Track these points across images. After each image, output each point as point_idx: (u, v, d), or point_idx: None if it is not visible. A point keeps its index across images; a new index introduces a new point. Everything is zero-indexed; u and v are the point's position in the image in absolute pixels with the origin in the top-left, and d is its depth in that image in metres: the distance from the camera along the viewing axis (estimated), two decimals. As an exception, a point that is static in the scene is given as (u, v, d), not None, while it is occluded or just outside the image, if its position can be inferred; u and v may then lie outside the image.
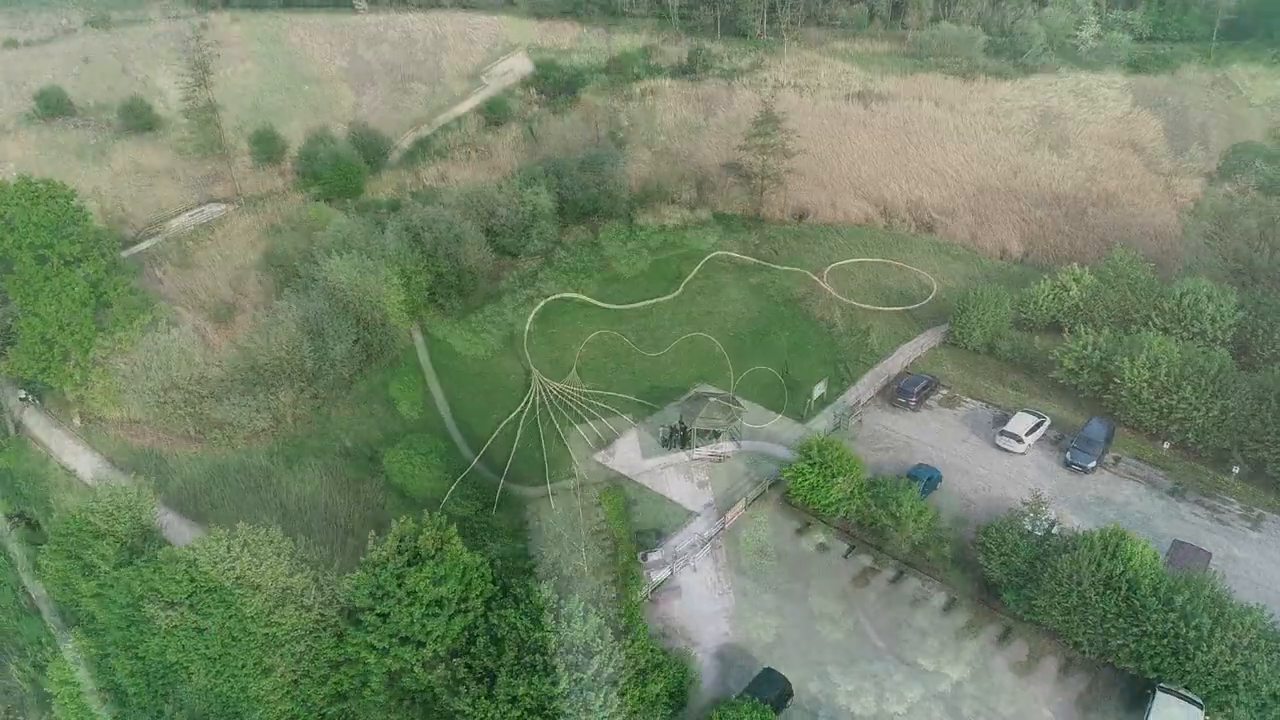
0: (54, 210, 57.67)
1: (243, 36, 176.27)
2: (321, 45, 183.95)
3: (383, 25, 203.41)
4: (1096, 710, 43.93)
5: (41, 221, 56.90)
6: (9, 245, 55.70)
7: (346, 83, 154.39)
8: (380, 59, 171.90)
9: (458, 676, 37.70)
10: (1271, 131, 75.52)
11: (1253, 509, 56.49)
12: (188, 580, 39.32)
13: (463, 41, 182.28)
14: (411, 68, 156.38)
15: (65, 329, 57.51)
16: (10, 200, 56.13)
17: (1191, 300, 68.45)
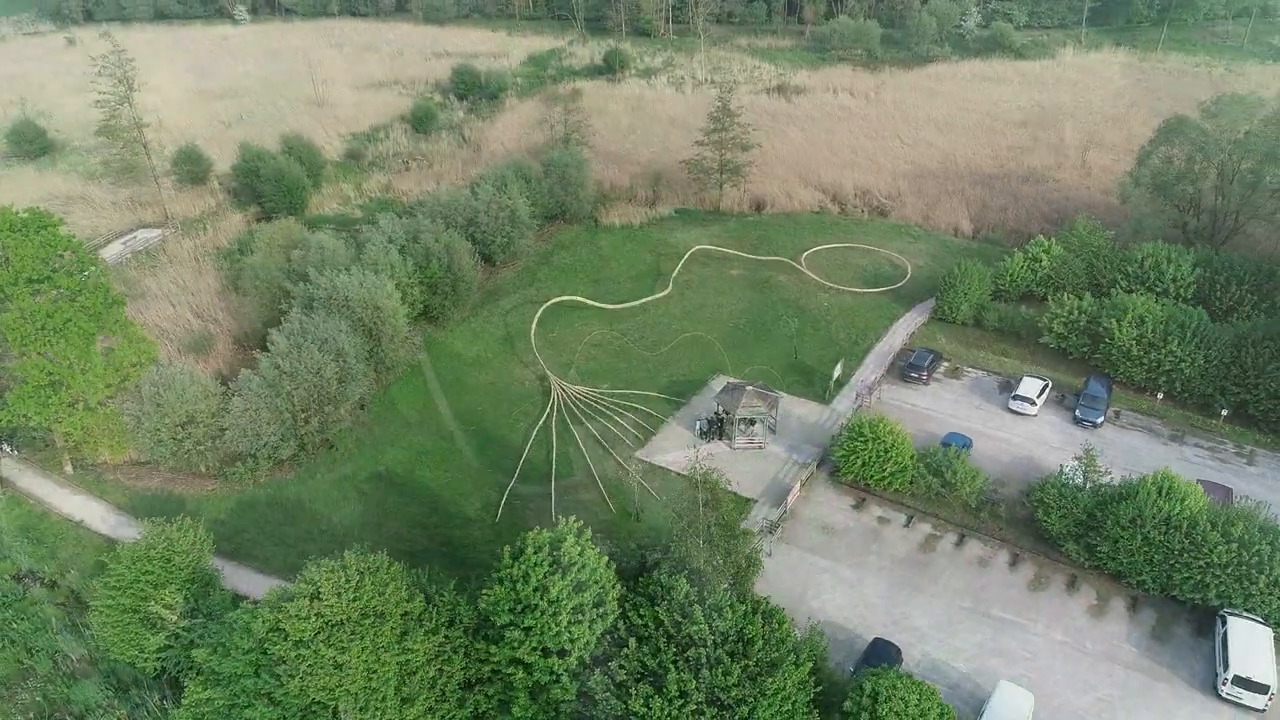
0: (47, 240, 53.14)
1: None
2: (208, 58, 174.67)
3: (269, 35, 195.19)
4: (1170, 641, 47.57)
5: (36, 254, 52.35)
6: (3, 282, 50.89)
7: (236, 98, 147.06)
8: (277, 71, 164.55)
9: (618, 680, 37.42)
10: (1201, 106, 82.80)
11: (1244, 446, 62.21)
12: (315, 615, 37.34)
13: (368, 51, 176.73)
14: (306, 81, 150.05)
15: (75, 369, 53.04)
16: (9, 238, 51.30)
17: (1153, 262, 74.59)
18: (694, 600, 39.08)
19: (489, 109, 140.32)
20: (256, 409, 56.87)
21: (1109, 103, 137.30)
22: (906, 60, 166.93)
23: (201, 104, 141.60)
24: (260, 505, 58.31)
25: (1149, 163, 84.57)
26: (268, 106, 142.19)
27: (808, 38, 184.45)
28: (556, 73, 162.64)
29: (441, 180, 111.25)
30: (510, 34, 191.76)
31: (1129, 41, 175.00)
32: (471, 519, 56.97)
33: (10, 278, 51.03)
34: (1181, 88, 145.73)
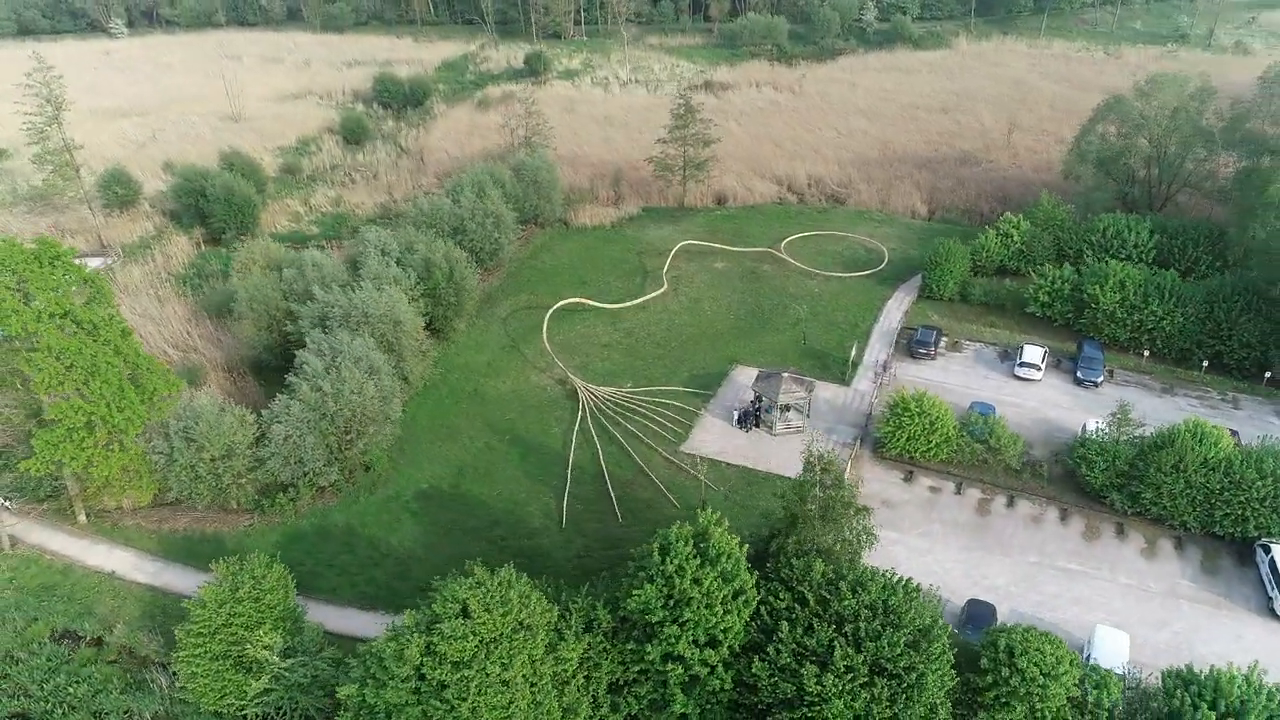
0: (66, 272, 49.15)
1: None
2: (94, 75, 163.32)
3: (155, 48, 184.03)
4: (1219, 573, 51.81)
5: (58, 286, 48.35)
6: (28, 320, 46.62)
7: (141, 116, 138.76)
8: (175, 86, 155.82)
9: (780, 663, 37.94)
10: (1135, 86, 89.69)
11: (1226, 393, 68.02)
12: (470, 634, 36.14)
13: (271, 62, 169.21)
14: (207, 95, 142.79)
15: (113, 407, 49.07)
16: (19, 267, 47.02)
17: (1114, 231, 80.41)
18: (834, 578, 40.04)
19: (418, 117, 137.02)
20: (300, 434, 54.25)
21: (1012, 88, 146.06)
22: (815, 54, 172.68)
23: (103, 123, 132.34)
24: (308, 536, 55.65)
25: (1090, 140, 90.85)
26: (178, 124, 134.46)
27: (716, 35, 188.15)
28: (476, 78, 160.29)
29: (393, 191, 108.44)
30: (416, 40, 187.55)
31: (1013, 30, 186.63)
32: (536, 528, 56.12)
33: (34, 314, 46.93)
34: (1070, 71, 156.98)
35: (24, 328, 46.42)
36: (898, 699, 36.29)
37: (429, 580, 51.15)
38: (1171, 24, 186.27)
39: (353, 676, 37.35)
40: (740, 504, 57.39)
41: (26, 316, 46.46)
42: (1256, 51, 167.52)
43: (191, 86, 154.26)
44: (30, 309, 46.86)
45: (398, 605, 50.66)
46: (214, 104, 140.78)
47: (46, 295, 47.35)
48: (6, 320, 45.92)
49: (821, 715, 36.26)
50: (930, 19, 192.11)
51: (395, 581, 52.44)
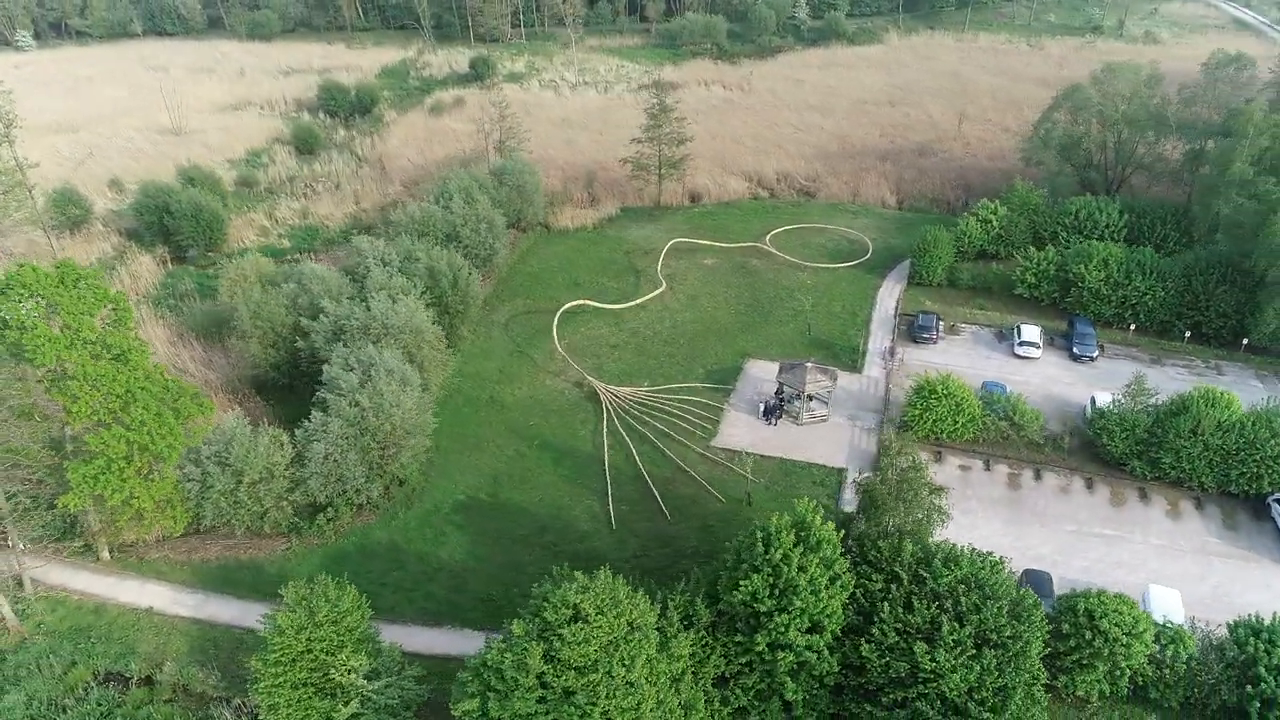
0: (95, 294, 46.61)
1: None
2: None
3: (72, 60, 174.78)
4: (1239, 529, 55.06)
5: (87, 310, 45.81)
6: (61, 348, 44.00)
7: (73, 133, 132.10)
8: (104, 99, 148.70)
9: (888, 643, 38.82)
10: (1092, 75, 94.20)
11: (1209, 360, 72.20)
12: (590, 638, 35.80)
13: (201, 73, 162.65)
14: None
15: (155, 435, 46.68)
16: (47, 292, 44.35)
17: (1086, 213, 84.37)
18: (925, 556, 41.19)
19: (369, 125, 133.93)
20: (341, 451, 52.74)
21: (950, 80, 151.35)
22: (753, 52, 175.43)
23: (33, 141, 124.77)
24: (352, 556, 54.11)
25: (1050, 127, 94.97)
26: (113, 139, 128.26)
27: (653, 35, 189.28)
28: (421, 84, 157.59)
29: (360, 201, 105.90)
30: (349, 47, 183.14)
31: (939, 25, 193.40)
32: (586, 531, 55.84)
33: (67, 340, 44.43)
34: (1000, 62, 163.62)
35: (57, 356, 43.85)
36: (1005, 668, 37.57)
37: (488, 592, 51.25)
38: (1083, 16, 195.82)
39: (469, 691, 36.61)
40: (782, 494, 58.23)
41: (60, 344, 43.95)
42: (1165, 40, 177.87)
43: (119, 100, 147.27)
44: (62, 335, 44.33)
45: (462, 619, 50.12)
46: (148, 117, 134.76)
47: (78, 320, 44.82)
48: (40, 350, 43.34)
49: (938, 690, 37.26)
50: (860, 15, 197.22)
51: (453, 595, 51.50)
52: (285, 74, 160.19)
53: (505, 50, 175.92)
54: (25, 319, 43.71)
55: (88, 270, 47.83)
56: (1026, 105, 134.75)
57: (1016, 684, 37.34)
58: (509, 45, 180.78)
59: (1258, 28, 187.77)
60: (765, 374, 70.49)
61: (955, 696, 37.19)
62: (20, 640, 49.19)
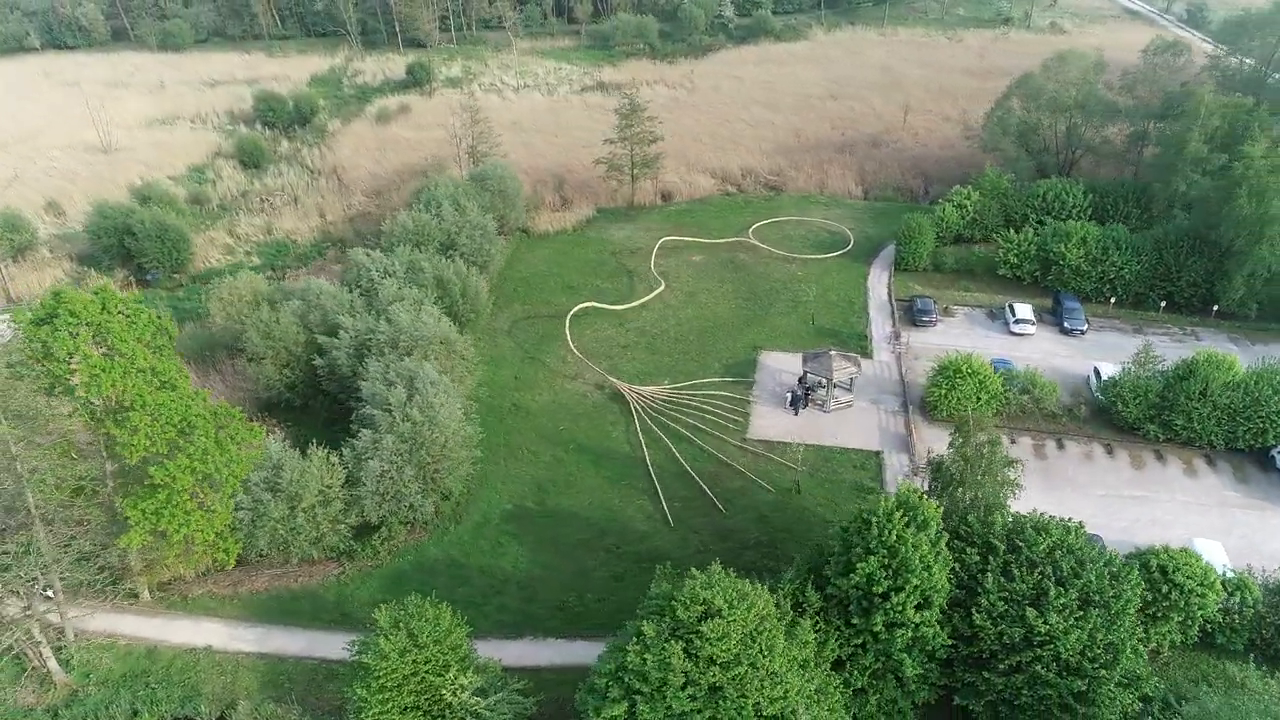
0: (144, 321, 44.00)
1: None
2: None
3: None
4: (1250, 481, 59.08)
5: (138, 336, 43.23)
6: (116, 377, 41.29)
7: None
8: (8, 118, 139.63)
9: (998, 612, 40.21)
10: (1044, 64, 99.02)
11: (1185, 328, 77.01)
12: (730, 633, 35.91)
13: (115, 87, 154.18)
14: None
15: (218, 463, 44.28)
16: (96, 319, 41.55)
17: (1053, 194, 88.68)
18: (1015, 526, 42.87)
19: (312, 136, 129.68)
20: (398, 468, 51.30)
21: (881, 74, 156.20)
22: (686, 50, 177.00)
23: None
24: (411, 575, 52.65)
25: (1004, 114, 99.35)
26: (39, 159, 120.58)
27: (583, 36, 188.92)
28: (357, 91, 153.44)
29: (325, 214, 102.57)
30: (271, 56, 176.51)
31: (859, 20, 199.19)
32: (645, 531, 55.81)
33: (122, 368, 41.89)
34: (924, 55, 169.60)
35: (113, 386, 41.33)
36: (1111, 627, 39.48)
37: (561, 599, 50.91)
38: (993, 9, 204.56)
39: (612, 697, 36.27)
40: (826, 480, 59.56)
41: (115, 374, 41.42)
42: (1069, 30, 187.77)
43: (32, 118, 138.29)
44: (116, 364, 41.79)
45: (541, 628, 49.53)
46: (71, 135, 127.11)
47: (131, 347, 42.35)
48: (96, 381, 40.78)
49: (1053, 652, 38.88)
50: (785, 13, 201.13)
51: (526, 605, 50.78)
52: (210, 86, 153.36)
53: (436, 55, 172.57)
54: (76, 348, 40.99)
55: (128, 295, 45.11)
56: (960, 95, 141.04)
57: (1125, 640, 39.28)
58: (439, 50, 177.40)
59: (1148, 16, 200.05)
60: (780, 365, 71.69)
61: (1069, 657, 38.86)
62: (70, 694, 46.16)
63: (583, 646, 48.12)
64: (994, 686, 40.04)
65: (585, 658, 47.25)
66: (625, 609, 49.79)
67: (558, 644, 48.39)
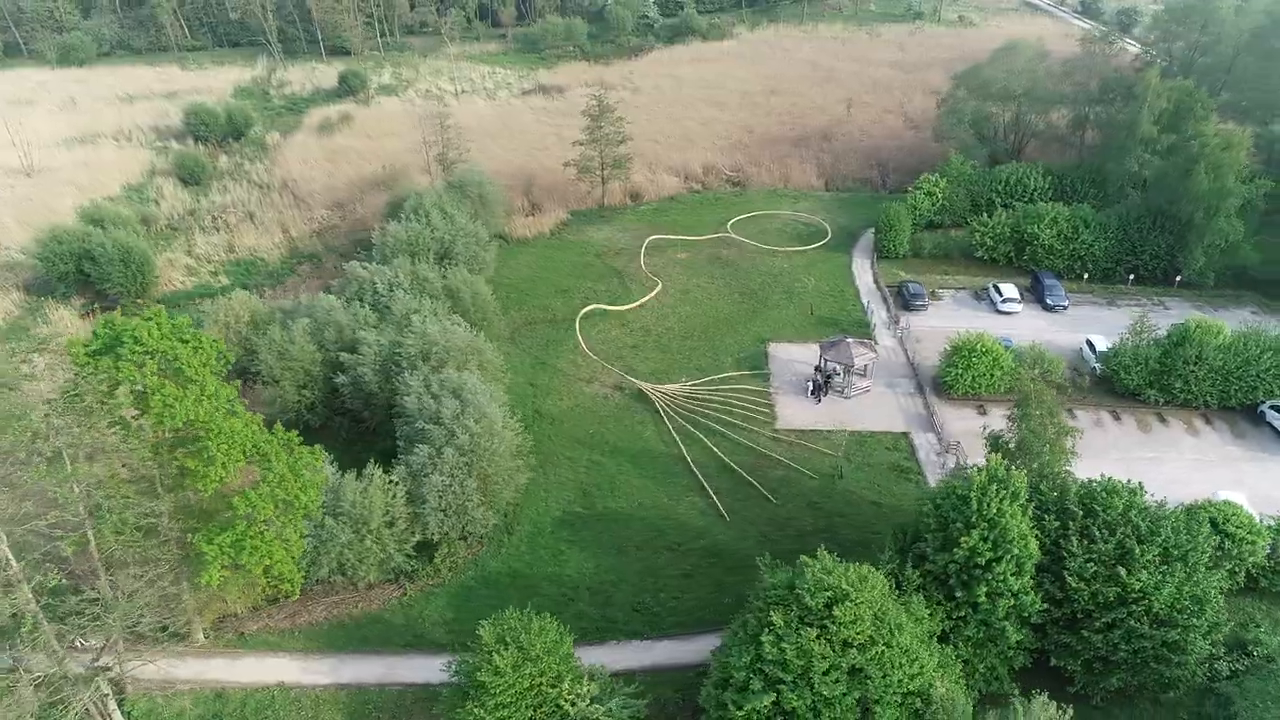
0: (210, 347, 41.66)
1: None
2: None
3: None
4: (1246, 436, 63.48)
5: (206, 363, 40.92)
6: (189, 405, 38.89)
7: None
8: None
9: (1089, 573, 42.14)
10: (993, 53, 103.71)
11: (1153, 298, 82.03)
12: (861, 616, 36.55)
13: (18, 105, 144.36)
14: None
15: (296, 489, 42.20)
16: (163, 347, 39.06)
17: (1016, 179, 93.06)
18: (1089, 492, 45.07)
19: (252, 150, 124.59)
20: (460, 481, 50.16)
21: (812, 69, 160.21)
22: (616, 52, 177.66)
23: None
24: (478, 590, 51.52)
25: (957, 103, 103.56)
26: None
27: (510, 40, 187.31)
28: (287, 102, 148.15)
29: (288, 230, 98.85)
30: (184, 68, 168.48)
31: (778, 18, 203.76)
32: (702, 526, 56.05)
33: (194, 396, 39.68)
34: (849, 50, 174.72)
35: (188, 416, 39.18)
36: (1194, 577, 41.97)
37: (637, 601, 50.91)
38: (903, 4, 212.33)
39: (755, 689, 36.50)
40: (863, 464, 61.10)
41: (187, 403, 39.26)
42: (977, 23, 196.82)
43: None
44: (188, 393, 39.59)
45: (624, 631, 49.25)
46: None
47: (201, 373, 40.20)
48: (170, 412, 38.54)
49: (1147, 608, 41.08)
50: (707, 11, 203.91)
51: (604, 610, 50.34)
52: (126, 101, 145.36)
53: (363, 62, 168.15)
54: (143, 377, 38.69)
55: (180, 319, 42.75)
56: (893, 87, 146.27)
57: (1208, 591, 41.82)
58: (365, 57, 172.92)
59: (1046, 10, 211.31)
60: (791, 356, 73.04)
61: (1160, 610, 41.14)
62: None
63: (667, 646, 48.19)
64: (1091, 645, 41.99)
65: (672, 658, 47.53)
66: (703, 605, 50.48)
67: (641, 646, 48.18)
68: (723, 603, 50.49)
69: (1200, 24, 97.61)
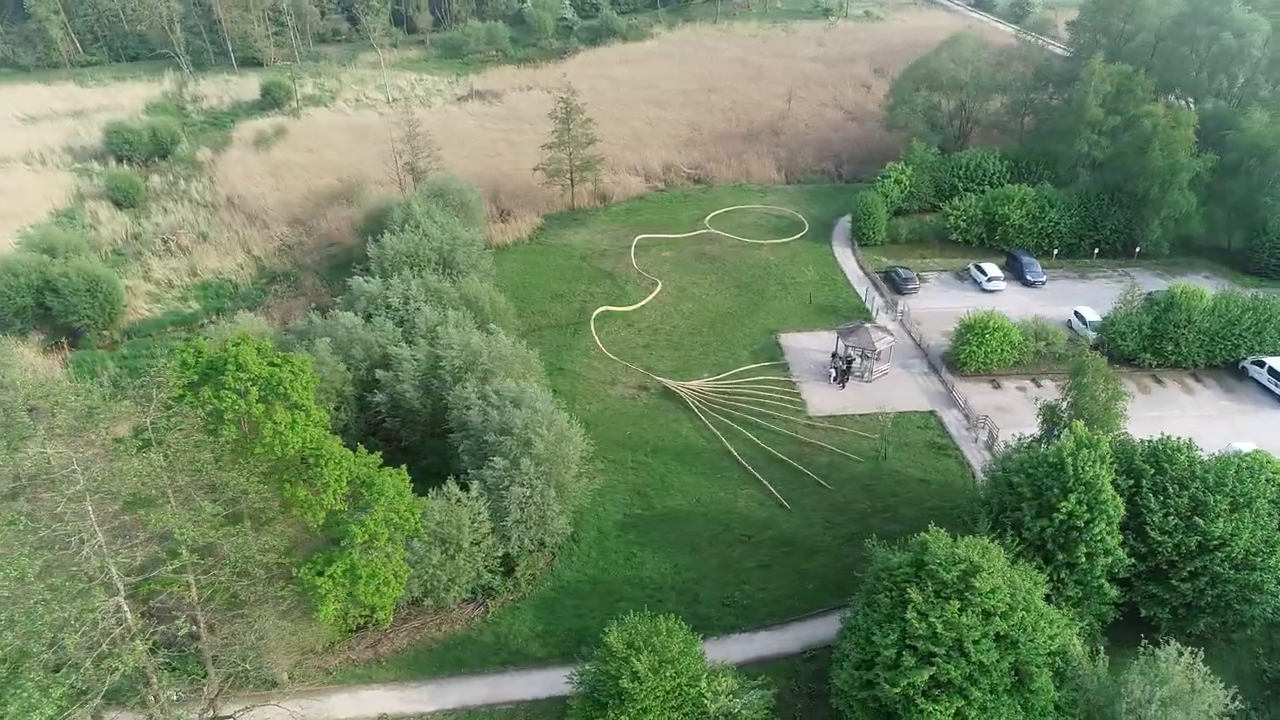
0: (309, 371, 39.45)
1: None
2: None
3: None
4: (1235, 390, 68.55)
5: (308, 387, 38.75)
6: (300, 433, 36.71)
7: None
8: None
9: (1169, 525, 44.73)
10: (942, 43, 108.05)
11: (1118, 269, 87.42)
12: (999, 585, 37.77)
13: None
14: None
15: (403, 511, 40.32)
16: (270, 374, 36.72)
17: (975, 164, 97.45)
18: (1154, 451, 47.90)
19: (185, 168, 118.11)
20: (540, 492, 49.30)
21: (741, 67, 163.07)
22: (539, 55, 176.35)
23: None
24: (561, 600, 50.68)
25: (911, 94, 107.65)
26: None
27: (430, 46, 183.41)
28: (208, 117, 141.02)
29: (251, 249, 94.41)
30: (82, 85, 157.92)
31: (693, 18, 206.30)
32: (765, 517, 56.52)
33: (304, 421, 37.69)
34: (770, 47, 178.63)
35: (300, 443, 37.25)
36: (1261, 522, 45.19)
37: (725, 596, 51.35)
38: (809, 1, 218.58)
39: (909, 664, 37.27)
40: (902, 443, 62.94)
41: (299, 429, 37.34)
42: (883, 18, 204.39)
43: None
44: (297, 419, 37.63)
45: (718, 626, 49.25)
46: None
47: (305, 398, 38.27)
48: (281, 440, 36.59)
49: (1231, 554, 43.98)
50: (623, 12, 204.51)
51: (693, 608, 50.00)
52: (29, 121, 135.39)
53: (280, 73, 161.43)
54: (248, 406, 36.58)
55: (264, 342, 40.55)
56: (824, 81, 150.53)
57: (1274, 534, 45.09)
58: (279, 68, 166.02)
59: (944, 4, 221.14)
60: (803, 345, 74.54)
61: (1239, 555, 44.14)
62: (248, 800, 40.99)
63: (765, 637, 48.61)
64: (1179, 592, 44.67)
65: (774, 648, 47.96)
66: (789, 594, 51.17)
67: (741, 638, 48.39)
68: (806, 589, 51.46)
69: (1125, 13, 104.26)
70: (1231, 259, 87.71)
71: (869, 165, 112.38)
